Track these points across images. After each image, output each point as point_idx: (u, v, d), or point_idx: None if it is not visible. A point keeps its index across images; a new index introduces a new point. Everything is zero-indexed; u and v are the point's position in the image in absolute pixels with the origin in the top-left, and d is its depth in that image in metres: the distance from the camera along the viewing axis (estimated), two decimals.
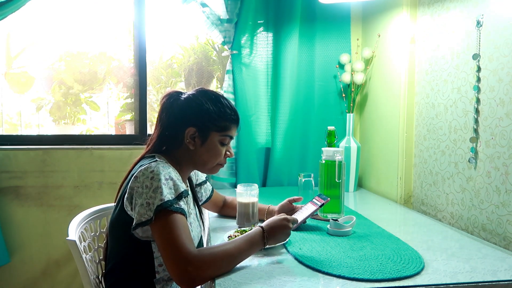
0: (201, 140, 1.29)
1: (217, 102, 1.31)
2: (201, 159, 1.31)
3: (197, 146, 1.29)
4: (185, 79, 2.61)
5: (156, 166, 1.16)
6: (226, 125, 1.31)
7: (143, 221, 1.11)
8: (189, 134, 1.27)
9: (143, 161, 1.25)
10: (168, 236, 1.08)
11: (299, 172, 1.77)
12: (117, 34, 2.51)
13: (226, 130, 1.31)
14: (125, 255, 1.23)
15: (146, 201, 1.11)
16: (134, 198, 1.15)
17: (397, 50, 2.03)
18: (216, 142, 1.30)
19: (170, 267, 1.06)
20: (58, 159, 2.22)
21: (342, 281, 1.06)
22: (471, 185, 1.57)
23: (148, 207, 1.11)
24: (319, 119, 2.36)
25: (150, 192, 1.12)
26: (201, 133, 1.28)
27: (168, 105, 1.30)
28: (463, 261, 1.20)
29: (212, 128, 1.29)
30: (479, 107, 1.53)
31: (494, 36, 1.46)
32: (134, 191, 1.15)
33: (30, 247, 2.24)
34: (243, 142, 2.26)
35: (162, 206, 1.10)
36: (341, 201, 1.61)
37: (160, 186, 1.12)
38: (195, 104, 1.29)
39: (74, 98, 2.51)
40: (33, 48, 2.49)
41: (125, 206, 1.18)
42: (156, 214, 1.10)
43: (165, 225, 1.09)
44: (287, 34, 2.27)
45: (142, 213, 1.11)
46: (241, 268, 1.15)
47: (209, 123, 1.28)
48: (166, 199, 1.11)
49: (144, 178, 1.14)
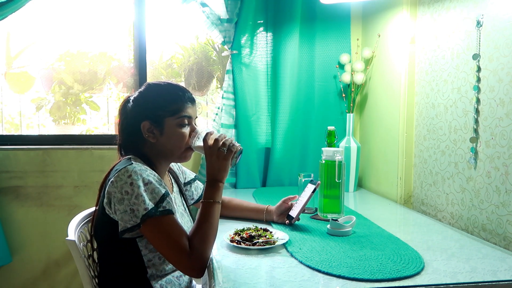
0: (159, 130, 1.28)
1: (162, 89, 1.31)
2: (167, 148, 1.30)
3: (157, 137, 1.28)
4: (185, 79, 2.61)
5: (132, 170, 1.16)
6: (177, 107, 1.29)
7: (129, 227, 1.13)
8: (145, 129, 1.28)
9: (118, 165, 1.24)
10: (161, 242, 1.14)
11: (299, 172, 1.77)
12: (117, 34, 2.51)
13: (179, 111, 1.29)
14: (114, 256, 1.24)
15: (129, 207, 1.13)
16: (113, 203, 1.15)
17: (397, 50, 2.03)
18: (175, 127, 1.28)
19: (177, 266, 1.18)
20: (58, 159, 2.22)
21: (342, 281, 1.06)
22: (471, 185, 1.57)
23: (133, 214, 1.13)
24: (319, 119, 2.36)
25: (133, 199, 1.13)
26: (156, 124, 1.28)
27: (122, 110, 1.33)
28: (463, 261, 1.20)
29: (164, 115, 1.28)
30: (479, 107, 1.53)
31: (494, 36, 1.46)
32: (112, 196, 1.16)
33: (30, 247, 2.23)
34: (243, 142, 2.26)
35: (148, 216, 1.12)
36: (341, 201, 1.61)
37: (141, 194, 1.13)
38: (142, 99, 1.30)
39: (74, 98, 2.51)
40: (33, 48, 2.49)
41: (106, 211, 1.19)
42: (144, 221, 1.12)
43: (155, 231, 1.14)
44: (287, 34, 2.27)
45: (127, 220, 1.13)
46: (241, 268, 1.15)
47: (159, 111, 1.28)
48: (150, 207, 1.12)
49: (122, 183, 1.14)
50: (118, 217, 1.14)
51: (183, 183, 1.53)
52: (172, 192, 1.37)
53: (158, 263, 1.23)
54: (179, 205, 1.37)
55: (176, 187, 1.43)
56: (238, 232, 1.39)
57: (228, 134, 2.28)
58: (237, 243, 1.31)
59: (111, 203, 1.16)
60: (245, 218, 1.63)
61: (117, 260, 1.23)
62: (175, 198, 1.37)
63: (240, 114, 2.27)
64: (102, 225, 1.22)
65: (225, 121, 2.27)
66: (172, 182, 1.42)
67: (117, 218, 1.15)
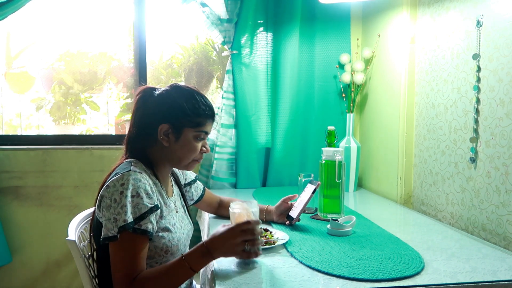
0: (175, 137, 1.27)
1: (191, 98, 1.28)
2: (176, 155, 1.28)
3: (171, 142, 1.27)
4: (185, 79, 2.61)
5: (126, 178, 1.14)
6: (200, 121, 1.28)
7: (110, 236, 1.11)
8: (162, 131, 1.26)
9: (118, 168, 1.23)
10: (118, 258, 1.11)
11: (299, 172, 1.77)
12: (117, 34, 2.51)
13: (200, 126, 1.28)
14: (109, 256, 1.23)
15: (113, 216, 1.11)
16: (102, 208, 1.15)
17: (397, 50, 2.03)
18: (191, 138, 1.28)
19: (115, 285, 1.11)
20: (58, 159, 2.22)
21: (342, 281, 1.06)
22: (471, 185, 1.57)
23: (115, 223, 1.11)
24: (319, 119, 2.36)
25: (118, 208, 1.11)
26: (175, 129, 1.26)
27: (142, 103, 1.29)
28: (463, 261, 1.20)
29: (186, 124, 1.26)
30: (479, 107, 1.53)
31: (494, 36, 1.46)
32: (102, 200, 1.15)
33: (30, 247, 2.24)
34: (243, 142, 2.26)
35: (124, 228, 1.10)
36: (341, 201, 1.61)
37: (126, 205, 1.11)
38: (169, 100, 1.27)
39: (74, 98, 2.51)
40: (33, 48, 2.49)
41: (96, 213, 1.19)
42: (120, 233, 1.10)
43: (121, 246, 1.11)
44: (287, 34, 2.27)
45: (109, 228, 1.12)
46: (241, 268, 1.15)
47: (183, 119, 1.26)
48: (129, 221, 1.10)
49: (114, 190, 1.14)
50: (103, 222, 1.14)
51: (183, 184, 1.52)
52: (173, 194, 1.37)
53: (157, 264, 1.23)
54: (179, 207, 1.36)
55: (176, 189, 1.42)
56: None
57: (228, 134, 2.28)
58: None
59: (101, 206, 1.16)
60: None
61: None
62: (175, 201, 1.36)
63: (240, 114, 2.27)
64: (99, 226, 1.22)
65: (225, 121, 2.27)
66: (173, 184, 1.42)
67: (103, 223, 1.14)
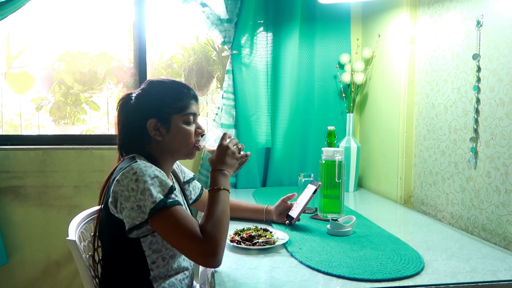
0: (165, 128, 1.27)
1: (167, 86, 1.29)
2: (173, 146, 1.29)
3: (164, 135, 1.27)
4: (185, 79, 2.61)
5: (138, 167, 1.14)
6: (183, 104, 1.28)
7: (137, 224, 1.11)
8: (151, 126, 1.26)
9: (123, 164, 1.23)
10: (172, 233, 1.10)
11: (299, 172, 1.77)
12: (117, 34, 2.51)
13: (185, 109, 1.28)
14: (117, 256, 1.23)
15: (136, 204, 1.11)
16: (120, 202, 1.14)
17: (397, 50, 2.03)
18: (181, 124, 1.28)
19: (190, 256, 1.10)
20: (58, 159, 2.22)
21: (342, 281, 1.06)
22: (471, 185, 1.57)
23: (140, 210, 1.10)
24: (319, 119, 2.36)
25: (139, 195, 1.11)
26: (163, 121, 1.26)
27: (123, 109, 1.30)
28: (463, 261, 1.20)
29: (171, 112, 1.27)
30: (479, 107, 1.53)
31: (494, 36, 1.46)
32: (118, 195, 1.14)
33: (30, 247, 2.23)
34: (243, 142, 2.25)
35: (156, 208, 1.09)
36: (341, 201, 1.61)
37: (148, 188, 1.11)
38: (147, 96, 1.28)
39: (74, 98, 2.51)
40: (33, 48, 2.49)
41: (111, 210, 1.18)
42: (152, 216, 1.10)
43: (166, 223, 1.10)
44: (287, 34, 2.27)
45: (134, 217, 1.11)
46: (241, 268, 1.15)
47: (166, 108, 1.26)
48: (158, 200, 1.10)
49: (128, 181, 1.13)
50: (125, 214, 1.12)
51: (182, 181, 1.52)
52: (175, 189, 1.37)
53: (162, 264, 1.23)
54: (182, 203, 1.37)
55: (177, 186, 1.43)
56: (238, 232, 1.39)
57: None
58: (237, 243, 1.31)
59: (117, 202, 1.15)
60: (245, 219, 1.63)
61: (121, 261, 1.23)
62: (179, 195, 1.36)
63: (240, 114, 2.27)
64: (106, 225, 1.22)
65: (225, 121, 2.27)
66: (174, 181, 1.42)
67: (123, 216, 1.13)
